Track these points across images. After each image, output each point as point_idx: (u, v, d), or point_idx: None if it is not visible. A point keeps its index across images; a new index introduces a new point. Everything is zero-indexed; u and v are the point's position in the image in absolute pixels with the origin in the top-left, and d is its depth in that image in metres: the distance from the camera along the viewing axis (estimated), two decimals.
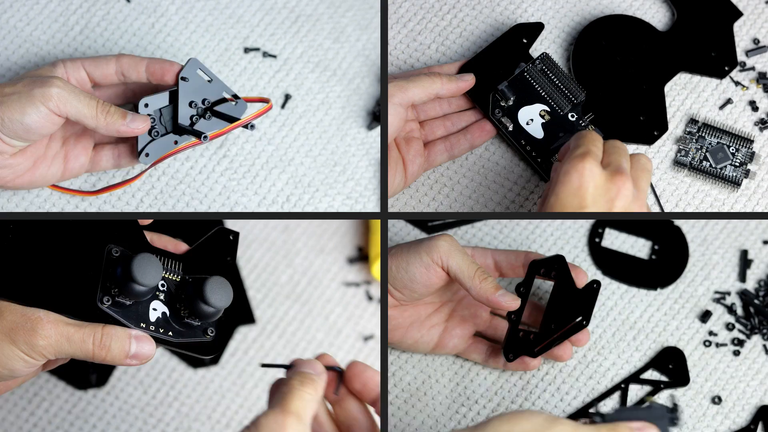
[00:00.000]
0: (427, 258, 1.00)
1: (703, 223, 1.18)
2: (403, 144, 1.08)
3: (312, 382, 0.83)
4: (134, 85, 1.05)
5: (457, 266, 0.99)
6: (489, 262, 1.04)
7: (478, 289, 0.99)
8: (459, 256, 1.00)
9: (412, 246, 1.01)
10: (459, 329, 1.07)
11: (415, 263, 1.00)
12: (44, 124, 0.95)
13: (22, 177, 1.00)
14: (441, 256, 0.99)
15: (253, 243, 1.19)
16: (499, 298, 0.99)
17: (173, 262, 0.90)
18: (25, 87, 0.94)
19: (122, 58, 1.01)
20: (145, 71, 1.01)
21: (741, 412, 1.08)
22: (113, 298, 0.86)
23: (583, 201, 0.94)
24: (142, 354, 0.85)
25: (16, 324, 0.82)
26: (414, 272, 1.00)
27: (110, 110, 0.97)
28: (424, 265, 1.00)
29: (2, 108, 0.93)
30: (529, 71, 1.11)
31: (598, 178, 0.94)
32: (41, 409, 1.08)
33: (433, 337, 1.06)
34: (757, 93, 1.16)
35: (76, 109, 0.95)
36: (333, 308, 1.18)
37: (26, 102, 0.93)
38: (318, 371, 0.85)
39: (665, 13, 1.19)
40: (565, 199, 0.94)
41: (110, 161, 1.05)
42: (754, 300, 1.13)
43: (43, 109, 0.94)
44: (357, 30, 1.19)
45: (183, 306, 0.89)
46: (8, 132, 0.94)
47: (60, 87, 0.94)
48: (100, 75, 1.01)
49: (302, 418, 0.80)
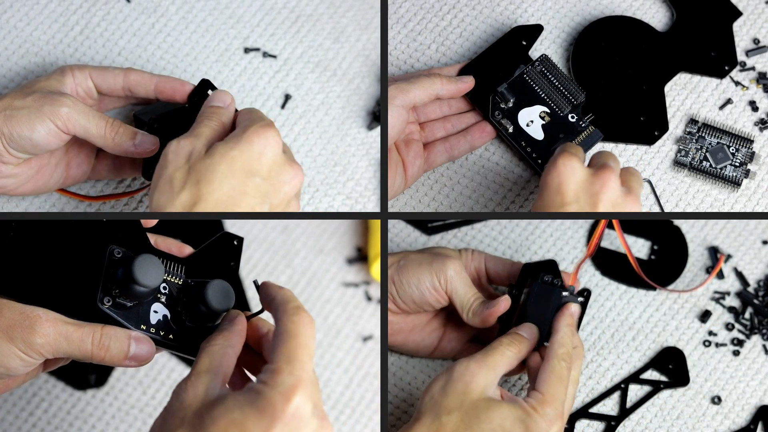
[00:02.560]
0: (436, 280, 1.01)
1: (703, 223, 1.18)
2: (403, 146, 1.08)
3: (220, 333, 0.85)
4: (140, 99, 1.05)
5: (457, 298, 1.02)
6: (481, 267, 1.06)
7: (471, 317, 1.01)
8: (462, 288, 1.01)
9: (424, 262, 1.02)
10: (456, 333, 1.08)
11: (425, 282, 1.01)
12: (51, 141, 0.96)
13: (25, 185, 1.01)
14: (447, 282, 1.01)
15: (252, 243, 1.19)
16: (489, 318, 1.00)
17: (175, 265, 0.90)
18: (35, 102, 0.95)
19: (130, 74, 1.01)
20: (155, 89, 1.01)
21: (741, 412, 1.08)
22: (114, 299, 0.86)
23: (564, 197, 0.94)
24: (140, 355, 0.85)
25: (14, 322, 0.82)
26: (423, 290, 1.02)
27: (119, 130, 0.97)
28: (434, 286, 1.01)
29: (12, 123, 0.94)
30: (528, 73, 1.11)
31: (579, 174, 0.95)
32: (40, 409, 1.08)
33: (433, 341, 1.07)
34: (757, 93, 1.16)
35: (84, 129, 0.96)
36: (332, 308, 1.18)
37: (36, 119, 0.94)
38: (231, 318, 0.87)
39: (665, 13, 1.19)
40: (547, 198, 0.95)
41: (111, 171, 1.05)
42: (754, 300, 1.13)
43: (52, 126, 0.95)
44: (357, 30, 1.19)
45: (184, 309, 0.89)
46: (15, 146, 0.95)
47: (70, 106, 0.95)
48: (106, 88, 1.01)
49: (204, 373, 0.81)
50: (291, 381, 0.76)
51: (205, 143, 0.90)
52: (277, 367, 0.77)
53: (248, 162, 0.88)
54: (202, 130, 0.91)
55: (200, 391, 0.79)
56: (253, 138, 0.88)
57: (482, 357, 0.93)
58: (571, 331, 0.97)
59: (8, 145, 0.95)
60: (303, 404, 0.76)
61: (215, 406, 0.77)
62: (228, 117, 0.94)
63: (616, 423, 1.06)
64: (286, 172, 0.91)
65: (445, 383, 0.91)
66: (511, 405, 0.90)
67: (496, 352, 0.94)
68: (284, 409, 0.75)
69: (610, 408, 1.07)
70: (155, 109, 1.03)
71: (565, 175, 0.95)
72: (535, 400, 0.91)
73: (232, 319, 0.87)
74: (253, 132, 0.89)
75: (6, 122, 0.94)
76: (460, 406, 0.90)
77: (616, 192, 0.95)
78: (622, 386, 1.08)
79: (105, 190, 1.08)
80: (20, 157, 0.97)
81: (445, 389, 0.91)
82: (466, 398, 0.90)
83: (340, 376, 1.15)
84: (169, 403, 0.80)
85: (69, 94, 0.98)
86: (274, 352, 0.79)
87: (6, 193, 1.00)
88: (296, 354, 0.78)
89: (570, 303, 0.99)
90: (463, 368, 0.92)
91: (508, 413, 0.89)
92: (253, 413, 0.75)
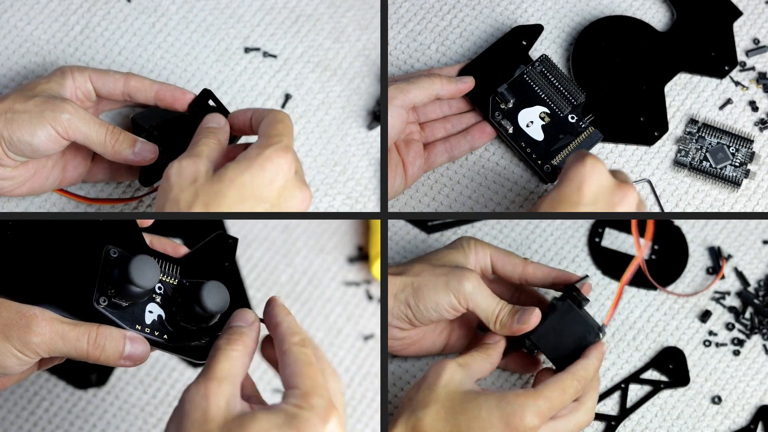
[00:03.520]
0: (455, 301, 0.99)
1: (703, 223, 1.18)
2: (403, 146, 1.08)
3: (240, 337, 0.84)
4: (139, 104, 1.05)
5: (482, 312, 0.99)
6: (487, 266, 1.04)
7: (499, 329, 0.99)
8: (484, 301, 0.98)
9: (439, 283, 0.99)
10: (462, 329, 1.07)
11: (443, 305, 0.99)
12: (51, 146, 0.96)
13: (22, 187, 1.01)
14: (467, 300, 0.98)
15: (253, 243, 1.19)
16: (517, 326, 0.98)
17: (171, 266, 0.90)
18: (36, 107, 0.95)
19: (131, 80, 1.01)
20: (155, 97, 1.01)
21: (741, 412, 1.08)
22: (109, 299, 0.86)
23: (583, 197, 0.94)
24: (135, 355, 0.85)
25: (10, 320, 0.82)
26: (443, 312, 0.99)
27: (119, 138, 0.97)
28: (454, 307, 0.99)
29: (12, 127, 0.94)
30: (528, 73, 1.11)
31: (605, 180, 0.94)
32: (41, 408, 1.08)
33: (443, 340, 1.07)
34: (757, 93, 1.16)
35: (84, 136, 0.96)
36: (333, 308, 1.18)
37: (36, 124, 0.94)
38: (249, 322, 0.86)
39: (665, 13, 1.19)
40: (565, 192, 0.95)
41: (107, 174, 1.06)
42: (754, 300, 1.13)
43: (53, 132, 0.95)
44: (357, 30, 1.19)
45: (179, 310, 0.89)
46: (15, 150, 0.96)
47: (71, 113, 0.95)
48: (106, 92, 1.01)
49: (225, 381, 0.80)
50: (324, 404, 0.77)
51: (207, 164, 0.89)
52: (306, 392, 0.77)
53: (258, 189, 0.88)
54: (202, 149, 0.91)
55: (222, 402, 0.78)
56: (266, 164, 0.88)
57: (456, 357, 0.95)
58: (598, 365, 0.97)
59: (8, 148, 0.95)
60: (337, 428, 0.76)
61: (247, 423, 0.76)
62: (224, 136, 0.95)
63: (616, 423, 1.06)
64: (295, 197, 0.90)
65: (420, 383, 0.93)
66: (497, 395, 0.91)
67: (467, 355, 0.96)
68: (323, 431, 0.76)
69: (610, 408, 1.07)
70: (154, 114, 1.03)
71: (590, 175, 0.94)
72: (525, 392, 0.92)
73: (250, 324, 0.86)
74: (267, 158, 0.88)
75: (7, 126, 0.94)
76: (436, 399, 0.91)
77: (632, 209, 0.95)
78: (622, 386, 1.08)
79: (105, 189, 1.08)
80: (18, 161, 0.97)
81: (419, 386, 0.92)
82: (441, 391, 0.91)
83: (341, 375, 1.15)
84: (184, 409, 0.78)
85: (70, 98, 0.99)
86: (296, 378, 0.78)
87: (2, 194, 1.01)
88: (319, 380, 0.78)
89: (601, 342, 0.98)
90: (437, 366, 0.93)
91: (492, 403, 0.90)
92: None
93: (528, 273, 1.02)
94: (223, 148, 0.93)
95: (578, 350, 0.97)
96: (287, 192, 0.89)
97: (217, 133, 0.94)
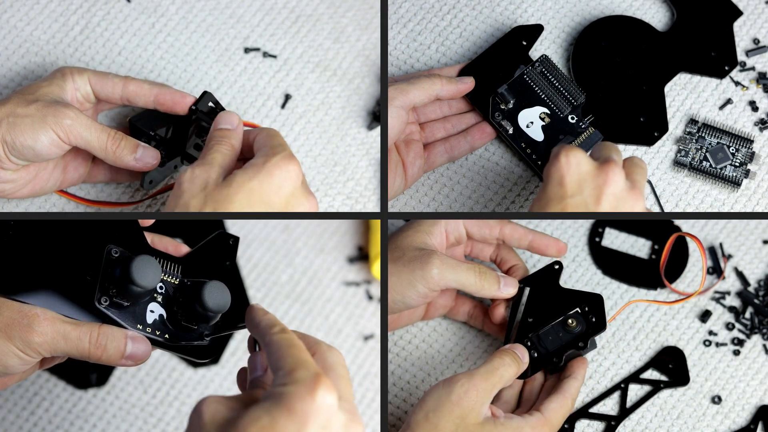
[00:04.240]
0: (424, 289, 1.00)
1: (703, 223, 1.18)
2: (403, 147, 1.08)
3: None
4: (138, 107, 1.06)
5: (457, 283, 1.00)
6: (461, 231, 1.05)
7: (483, 291, 1.01)
8: (454, 274, 1.00)
9: (404, 274, 1.00)
10: (442, 297, 1.09)
11: (411, 295, 1.00)
12: (53, 151, 0.96)
13: (23, 190, 1.01)
14: (437, 282, 1.00)
15: (253, 243, 1.19)
16: (503, 291, 1.01)
17: (172, 265, 0.90)
18: (38, 111, 0.95)
19: (129, 85, 1.01)
20: (154, 101, 1.01)
21: (741, 412, 1.08)
22: (111, 299, 0.86)
23: (567, 189, 0.94)
24: (137, 355, 0.85)
25: (12, 320, 0.82)
26: (410, 302, 1.01)
27: (120, 144, 0.98)
28: (422, 296, 1.00)
29: (15, 131, 0.95)
30: (528, 74, 1.11)
31: (584, 166, 0.94)
32: (41, 408, 1.08)
33: (422, 310, 1.09)
34: (757, 93, 1.16)
35: (86, 141, 0.96)
36: (333, 308, 1.18)
37: (39, 128, 0.95)
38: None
39: (665, 13, 1.19)
40: (549, 191, 0.95)
41: (107, 175, 1.06)
42: (754, 300, 1.13)
43: (54, 137, 0.95)
44: (357, 30, 1.19)
45: (180, 309, 0.89)
46: (17, 154, 0.96)
47: (72, 118, 0.95)
48: (105, 96, 1.01)
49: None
50: (310, 375, 0.74)
51: (219, 171, 0.90)
52: (290, 369, 0.75)
53: (267, 195, 0.88)
54: (214, 156, 0.92)
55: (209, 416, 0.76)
56: (274, 171, 0.89)
57: (482, 381, 0.93)
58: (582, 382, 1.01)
59: (10, 152, 0.96)
60: (328, 395, 0.74)
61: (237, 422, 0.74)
62: (237, 139, 0.95)
63: (616, 423, 1.06)
64: (302, 205, 0.91)
65: (440, 403, 0.92)
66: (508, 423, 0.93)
67: (495, 375, 0.95)
68: (313, 401, 0.73)
69: (610, 408, 1.07)
70: (151, 116, 1.03)
71: (568, 167, 0.94)
72: (536, 419, 0.94)
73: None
74: (274, 165, 0.89)
75: (9, 130, 0.94)
76: (455, 431, 0.91)
77: (620, 186, 0.94)
78: (622, 386, 1.08)
79: (105, 190, 1.08)
80: (20, 164, 0.98)
81: (442, 411, 0.92)
82: (462, 423, 0.91)
83: None
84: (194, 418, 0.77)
85: (71, 103, 0.99)
86: (280, 360, 0.77)
87: (3, 197, 1.01)
88: (302, 356, 0.77)
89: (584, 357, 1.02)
90: (462, 392, 0.92)
91: None
92: (281, 414, 0.72)
93: (505, 234, 1.05)
94: (236, 152, 0.94)
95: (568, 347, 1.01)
96: (295, 199, 0.90)
97: (230, 137, 0.94)
